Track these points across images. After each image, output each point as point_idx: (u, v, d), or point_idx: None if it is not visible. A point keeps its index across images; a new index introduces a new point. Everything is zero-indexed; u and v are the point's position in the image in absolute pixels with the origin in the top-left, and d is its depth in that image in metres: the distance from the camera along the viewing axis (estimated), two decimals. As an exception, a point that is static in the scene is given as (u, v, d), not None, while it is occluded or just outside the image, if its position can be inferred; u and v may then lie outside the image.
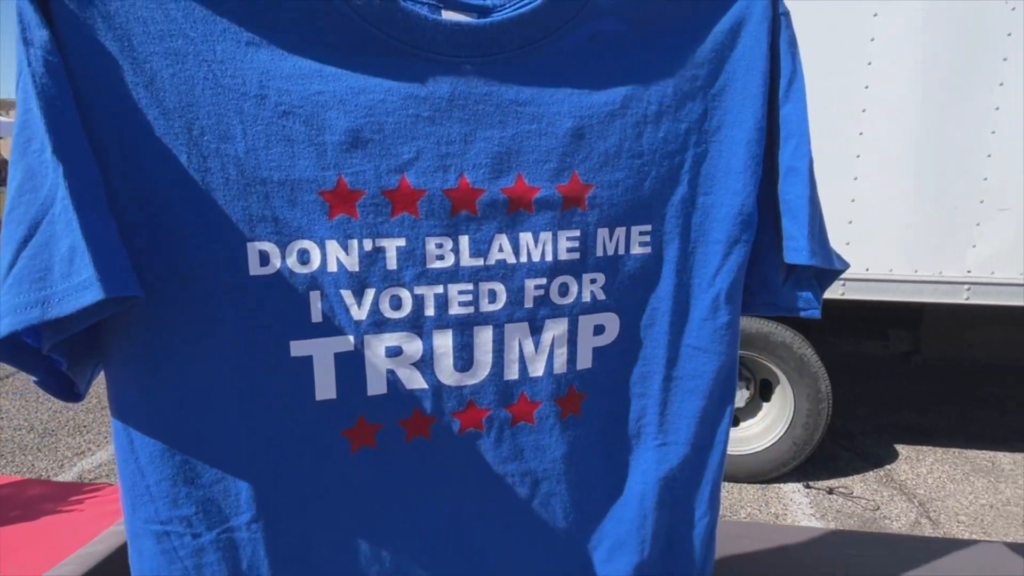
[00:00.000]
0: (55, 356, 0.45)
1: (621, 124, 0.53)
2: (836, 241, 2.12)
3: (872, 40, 2.41)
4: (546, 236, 0.54)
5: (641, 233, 0.57)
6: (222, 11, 0.45)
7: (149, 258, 0.45)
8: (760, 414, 3.03)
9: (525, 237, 0.53)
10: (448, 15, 0.50)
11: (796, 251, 0.57)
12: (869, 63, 2.43)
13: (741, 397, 3.03)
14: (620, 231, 0.56)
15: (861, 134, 2.49)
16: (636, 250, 0.57)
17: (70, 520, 1.03)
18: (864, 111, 2.47)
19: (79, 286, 0.39)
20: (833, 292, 2.62)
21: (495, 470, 0.58)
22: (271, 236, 0.48)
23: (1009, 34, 2.31)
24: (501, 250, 0.53)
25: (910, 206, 2.51)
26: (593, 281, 0.57)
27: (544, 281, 0.55)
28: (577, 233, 0.55)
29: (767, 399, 3.03)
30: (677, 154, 0.56)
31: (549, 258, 0.54)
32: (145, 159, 0.45)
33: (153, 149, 0.45)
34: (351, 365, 0.51)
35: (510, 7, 0.50)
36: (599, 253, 0.56)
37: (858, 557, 0.89)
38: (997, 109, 2.38)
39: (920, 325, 3.20)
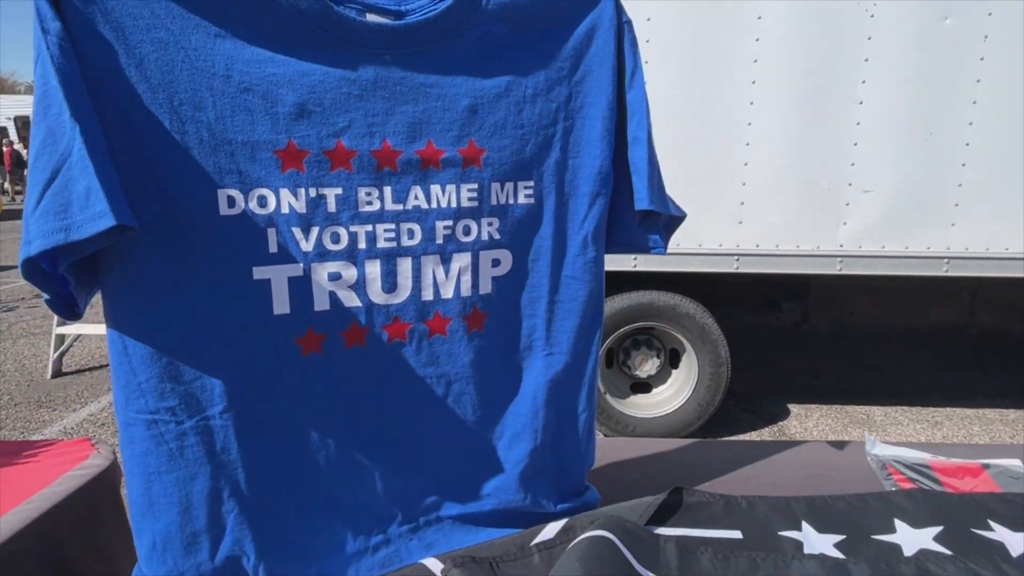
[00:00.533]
0: (67, 275, 0.57)
1: (506, 103, 0.71)
2: (728, 220, 2.44)
3: (757, 40, 2.71)
4: (451, 188, 0.70)
5: (525, 187, 0.74)
6: (195, 9, 0.59)
7: (141, 200, 0.58)
8: (670, 380, 3.33)
9: (435, 188, 0.70)
10: (371, 17, 0.66)
11: (640, 200, 0.76)
12: (755, 60, 2.72)
13: (653, 365, 3.31)
14: (509, 185, 0.73)
15: (750, 124, 2.78)
16: (522, 200, 0.75)
17: (27, 469, 1.11)
18: (752, 103, 2.76)
19: (95, 216, 0.53)
20: (728, 266, 2.92)
21: (417, 372, 0.74)
22: (236, 184, 0.62)
23: (869, 38, 2.66)
24: (416, 198, 0.69)
25: (792, 189, 2.83)
26: (490, 224, 0.74)
27: (451, 223, 0.71)
28: (475, 186, 0.71)
29: (676, 366, 3.32)
30: (550, 126, 0.74)
31: (454, 205, 0.71)
32: (137, 123, 0.58)
33: (143, 116, 0.58)
34: (301, 286, 0.66)
35: (419, 13, 0.66)
36: (493, 202, 0.73)
37: (714, 457, 1.11)
38: (861, 103, 2.73)
39: (808, 297, 3.59)
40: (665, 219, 0.84)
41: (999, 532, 0.85)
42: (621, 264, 2.94)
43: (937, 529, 0.86)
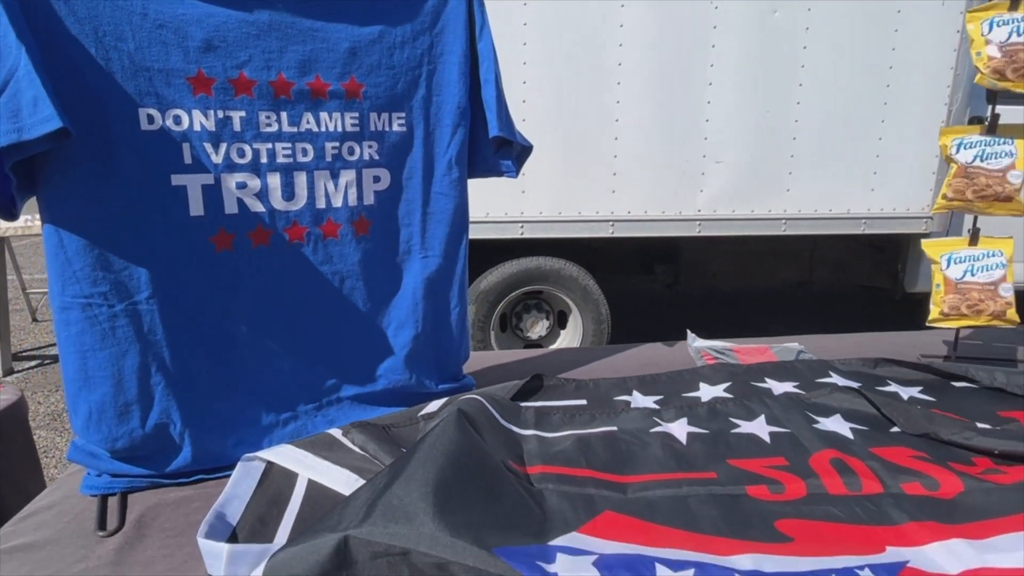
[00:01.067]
0: (10, 175, 0.69)
1: (379, 48, 0.88)
2: (602, 190, 2.76)
3: (622, 27, 3.01)
4: (337, 115, 0.87)
5: (398, 118, 0.92)
6: (114, -42, 0.72)
7: (73, 114, 0.71)
8: (559, 340, 3.61)
9: (323, 115, 0.86)
10: (265, -28, 0.81)
11: (492, 128, 0.97)
12: (620, 45, 3.03)
13: (543, 327, 3.58)
14: (385, 115, 0.91)
15: (618, 103, 3.09)
16: (396, 128, 0.93)
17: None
18: (619, 83, 3.07)
19: (43, 119, 0.65)
20: (605, 231, 3.23)
21: (315, 269, 0.91)
22: (155, 105, 0.76)
23: (715, 27, 3.04)
24: (308, 122, 0.85)
25: (657, 160, 3.18)
26: (370, 147, 0.91)
27: (338, 144, 0.88)
28: (357, 115, 0.89)
29: (564, 327, 3.61)
30: (417, 68, 0.92)
31: (340, 129, 0.88)
32: (67, 50, 0.70)
33: (72, 44, 0.70)
34: (213, 193, 0.81)
35: (304, -30, 0.83)
36: (372, 129, 0.91)
37: (569, 359, 1.35)
38: (711, 84, 3.11)
39: (678, 260, 4.00)
40: (518, 149, 1.05)
41: (769, 383, 1.14)
42: (509, 232, 3.17)
43: (727, 384, 1.14)
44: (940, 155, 3.25)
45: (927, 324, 1.18)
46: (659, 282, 4.08)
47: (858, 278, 4.10)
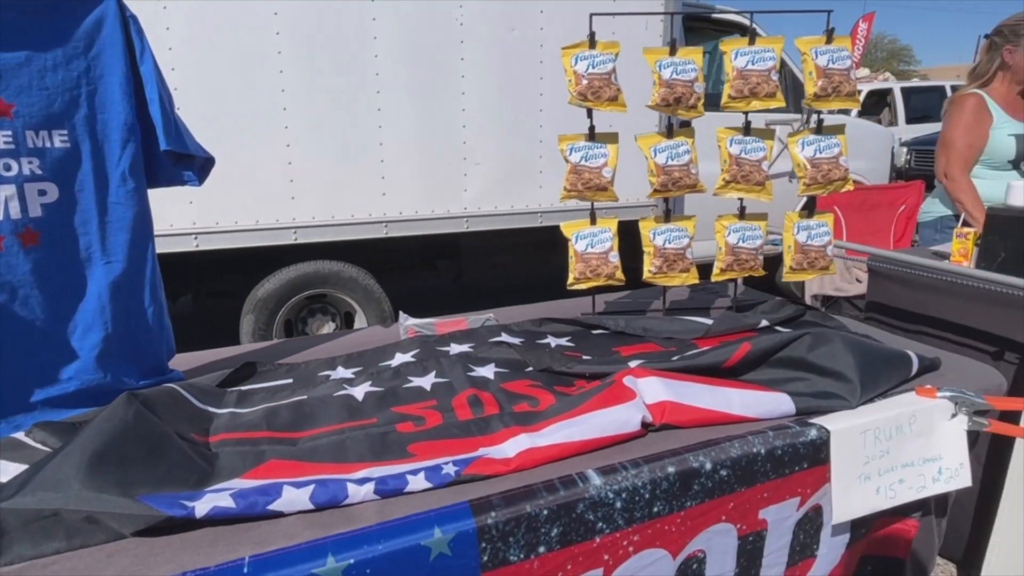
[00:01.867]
0: None
1: (27, 71, 0.95)
2: (373, 193, 2.91)
3: (375, 39, 3.19)
4: (-15, 134, 0.92)
5: (60, 134, 1.00)
6: None
7: None
8: (347, 341, 3.71)
9: (-31, 134, 0.91)
10: None
11: (162, 143, 1.07)
12: (376, 56, 3.21)
13: (330, 328, 3.64)
14: (43, 133, 0.98)
15: (380, 109, 3.27)
16: (58, 144, 1.00)
17: None
18: (379, 92, 3.25)
19: None
20: (379, 232, 3.39)
21: (-22, 282, 0.95)
22: None
23: (462, 41, 3.34)
24: (-49, 141, 0.90)
25: (422, 164, 3.41)
26: (30, 162, 0.97)
27: (-10, 161, 0.93)
28: (10, 133, 0.95)
29: (351, 327, 3.71)
30: (75, 89, 1.00)
31: (-9, 147, 0.93)
32: None
33: None
34: None
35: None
36: (30, 145, 0.97)
37: (295, 346, 1.50)
38: (463, 94, 3.41)
39: (459, 256, 4.29)
40: (201, 161, 1.16)
41: (451, 346, 1.39)
42: (282, 239, 3.21)
43: (416, 351, 1.36)
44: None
45: (567, 287, 1.52)
46: (443, 277, 4.34)
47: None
